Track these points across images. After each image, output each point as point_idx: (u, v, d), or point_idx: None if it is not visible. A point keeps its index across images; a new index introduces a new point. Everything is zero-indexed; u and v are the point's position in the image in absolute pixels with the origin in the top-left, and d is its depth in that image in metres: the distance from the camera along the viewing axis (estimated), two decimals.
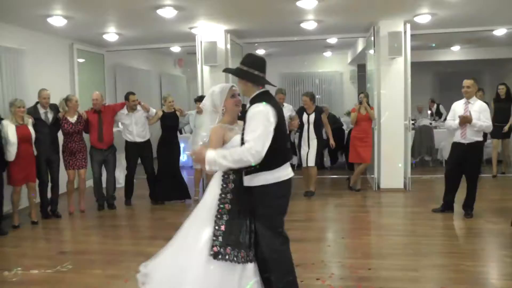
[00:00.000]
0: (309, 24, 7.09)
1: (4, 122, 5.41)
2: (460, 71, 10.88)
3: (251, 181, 2.83)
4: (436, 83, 13.49)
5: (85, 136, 6.35)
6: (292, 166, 7.69)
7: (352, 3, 5.98)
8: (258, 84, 2.88)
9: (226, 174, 2.91)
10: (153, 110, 6.59)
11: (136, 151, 6.58)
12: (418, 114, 10.58)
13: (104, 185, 6.59)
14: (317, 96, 12.42)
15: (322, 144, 6.81)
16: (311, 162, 6.74)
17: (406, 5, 6.12)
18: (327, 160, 9.34)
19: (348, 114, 8.44)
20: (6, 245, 5.07)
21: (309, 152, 6.72)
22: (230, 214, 2.85)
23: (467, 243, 4.77)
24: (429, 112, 10.84)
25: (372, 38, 7.16)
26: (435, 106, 10.86)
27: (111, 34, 7.59)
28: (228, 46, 7.60)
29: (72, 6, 5.72)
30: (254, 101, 2.83)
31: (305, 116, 6.73)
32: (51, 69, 7.42)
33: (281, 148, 2.83)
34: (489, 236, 4.89)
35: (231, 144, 2.87)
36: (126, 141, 6.64)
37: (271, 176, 2.80)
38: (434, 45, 10.42)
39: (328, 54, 12.16)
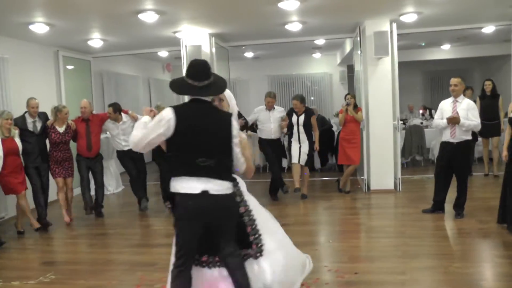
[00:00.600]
0: (294, 26, 7.03)
1: None
2: (450, 69, 10.91)
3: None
4: (427, 82, 13.51)
5: (71, 144, 6.24)
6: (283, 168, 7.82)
7: (335, 4, 5.91)
8: (180, 93, 3.07)
9: None
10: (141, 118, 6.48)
11: (129, 156, 6.49)
12: (409, 113, 10.55)
13: (92, 192, 6.49)
14: (311, 98, 12.49)
15: (312, 146, 6.74)
16: (303, 161, 6.66)
17: (391, 4, 6.07)
18: (317, 162, 9.28)
19: (338, 115, 8.38)
20: None
21: (301, 150, 6.64)
22: None
23: (457, 244, 4.70)
24: (420, 111, 10.78)
25: (358, 39, 7.10)
26: (427, 112, 10.77)
27: (95, 40, 7.51)
28: (213, 49, 7.53)
29: (53, 12, 5.62)
30: None
31: (294, 117, 6.66)
32: (37, 77, 7.33)
33: (184, 159, 2.69)
34: (480, 236, 4.82)
35: None
36: (117, 150, 6.58)
37: (172, 183, 2.74)
38: (423, 44, 10.40)
39: (317, 55, 12.12)
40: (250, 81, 12.80)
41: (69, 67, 8.31)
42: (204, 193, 2.65)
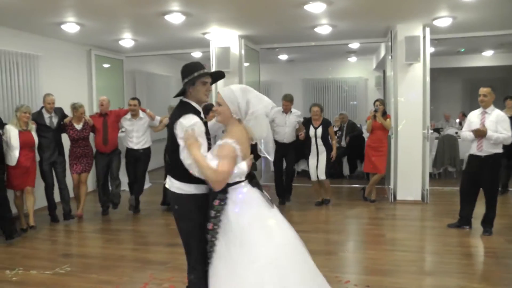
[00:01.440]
0: (323, 29, 6.91)
1: (7, 126, 5.48)
2: (493, 77, 10.35)
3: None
4: (467, 90, 12.91)
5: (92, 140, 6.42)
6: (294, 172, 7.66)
7: (364, 7, 5.75)
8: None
9: None
10: (157, 118, 6.56)
11: (133, 157, 6.54)
12: (445, 122, 10.12)
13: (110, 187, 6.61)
14: (352, 103, 12.19)
15: (330, 155, 6.60)
16: (322, 175, 6.56)
17: (423, 7, 5.83)
18: (345, 169, 9.10)
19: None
20: (14, 245, 5.20)
21: (318, 165, 6.54)
22: None
23: (479, 263, 4.45)
24: (457, 120, 10.32)
25: (390, 43, 6.87)
26: (465, 119, 10.28)
27: (126, 40, 7.69)
28: (243, 51, 7.52)
29: (83, 13, 5.79)
30: None
31: (311, 130, 6.52)
32: (69, 75, 7.58)
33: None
34: (507, 256, 4.51)
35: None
36: (126, 148, 6.61)
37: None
38: (463, 50, 9.95)
39: (352, 59, 11.87)
40: (284, 84, 12.71)
41: (105, 65, 8.55)
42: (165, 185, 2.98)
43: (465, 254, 4.66)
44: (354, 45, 8.99)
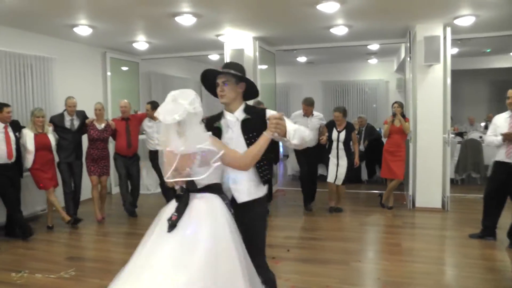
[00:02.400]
0: (339, 30, 6.70)
1: (24, 130, 5.60)
2: None
3: (259, 191, 2.74)
4: (493, 93, 12.38)
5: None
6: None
7: (379, 6, 5.52)
8: (246, 98, 2.75)
9: (224, 199, 2.58)
10: None
11: (158, 158, 6.52)
12: (469, 126, 9.71)
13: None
14: (373, 105, 11.90)
15: (352, 162, 6.40)
16: (340, 180, 6.35)
17: (443, 6, 5.55)
18: (363, 174, 8.83)
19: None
20: (22, 246, 5.23)
21: (338, 170, 6.34)
22: None
23: (503, 279, 4.10)
24: (482, 124, 9.88)
25: (409, 44, 6.60)
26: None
27: (140, 43, 7.66)
28: (257, 53, 7.37)
29: (94, 15, 5.77)
30: (253, 109, 2.75)
31: (335, 133, 6.32)
32: (83, 77, 7.59)
33: None
34: None
35: None
36: (150, 151, 6.62)
37: None
38: (489, 50, 9.52)
39: (373, 61, 11.57)
40: (303, 86, 12.55)
41: (121, 68, 8.55)
42: None
43: (488, 268, 4.33)
44: (374, 46, 8.73)
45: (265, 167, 2.72)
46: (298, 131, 2.60)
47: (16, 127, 5.57)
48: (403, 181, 6.74)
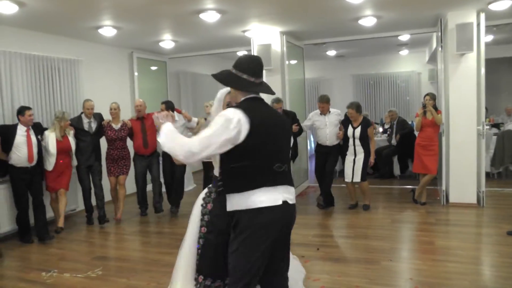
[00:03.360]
0: (368, 21, 6.49)
1: (46, 132, 5.65)
2: None
3: (227, 203, 2.37)
4: None
5: (129, 144, 6.43)
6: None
7: None
8: (243, 89, 2.43)
9: (209, 192, 2.63)
10: (194, 120, 6.45)
11: (169, 159, 6.50)
12: (506, 117, 9.23)
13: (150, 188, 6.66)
14: (407, 98, 11.56)
15: (368, 157, 6.21)
16: (357, 177, 6.19)
17: None
18: (396, 169, 8.58)
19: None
20: (53, 246, 5.36)
21: (354, 167, 6.19)
22: (205, 238, 2.58)
23: None
24: None
25: (440, 33, 6.31)
26: None
27: (167, 42, 7.67)
28: (284, 48, 7.26)
29: (119, 16, 5.79)
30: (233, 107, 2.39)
31: (350, 130, 6.17)
32: (110, 78, 7.69)
33: (260, 167, 2.30)
34: None
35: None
36: (162, 152, 6.58)
37: (241, 200, 2.29)
38: None
39: (404, 52, 11.22)
40: (334, 81, 12.37)
41: (148, 67, 8.61)
42: (285, 203, 2.33)
43: None
44: (404, 37, 8.44)
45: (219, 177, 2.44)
46: (164, 137, 2.35)
47: (38, 129, 5.62)
48: (436, 176, 6.48)
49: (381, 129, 9.60)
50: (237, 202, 2.30)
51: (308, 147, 9.16)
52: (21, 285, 4.18)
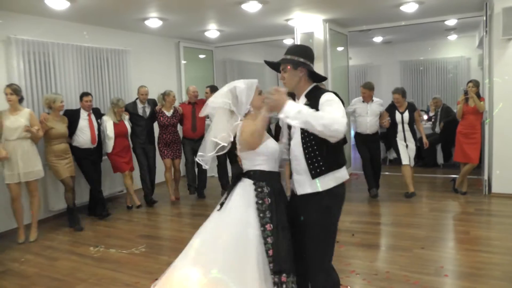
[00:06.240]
0: (409, 7, 6.38)
1: (104, 117, 6.09)
2: None
3: (322, 184, 2.42)
4: None
5: (179, 129, 6.73)
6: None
7: None
8: (316, 80, 2.55)
9: (259, 187, 2.57)
10: None
11: None
12: None
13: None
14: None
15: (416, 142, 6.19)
16: (407, 160, 6.15)
17: None
18: (439, 157, 8.39)
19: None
20: (102, 224, 5.80)
21: (408, 151, 6.17)
22: (274, 234, 2.47)
23: None
24: None
25: (485, 18, 6.09)
26: None
27: (212, 31, 7.89)
28: (327, 36, 7.27)
29: (164, 8, 6.04)
30: (314, 93, 2.46)
31: (398, 115, 6.12)
32: (158, 67, 8.01)
33: (341, 147, 2.53)
34: None
35: (266, 148, 2.60)
36: None
37: (339, 174, 2.47)
38: None
39: (452, 37, 10.77)
40: (382, 67, 12.16)
41: (195, 56, 8.88)
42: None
43: None
44: (451, 21, 8.14)
45: (317, 158, 2.41)
46: (306, 115, 2.16)
47: (98, 114, 6.08)
48: (479, 164, 6.32)
49: (425, 117, 9.39)
50: (334, 177, 2.45)
51: (352, 133, 9.13)
52: (73, 257, 4.61)
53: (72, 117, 5.68)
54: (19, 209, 5.09)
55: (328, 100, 2.35)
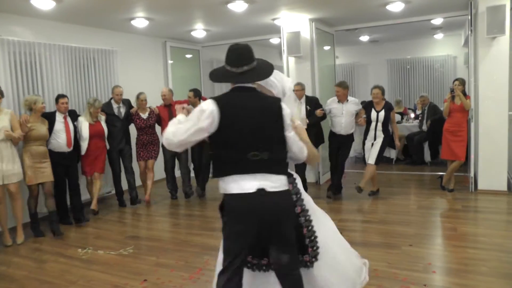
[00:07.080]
0: (396, 6, 6.42)
1: (80, 118, 5.94)
2: None
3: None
4: None
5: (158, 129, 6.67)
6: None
7: None
8: (219, 81, 2.57)
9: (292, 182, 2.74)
10: None
11: (197, 145, 6.70)
12: None
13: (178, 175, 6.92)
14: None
15: (386, 141, 6.15)
16: (372, 160, 6.12)
17: None
18: (427, 155, 8.47)
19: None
20: (89, 226, 5.75)
21: (372, 149, 6.14)
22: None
23: None
24: None
25: (469, 16, 6.15)
26: None
27: (198, 31, 7.86)
28: (314, 35, 7.28)
29: (150, 8, 6.00)
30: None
31: (373, 113, 6.10)
32: (145, 67, 7.96)
33: (233, 156, 2.35)
34: None
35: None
36: None
37: (222, 185, 2.41)
38: None
39: (439, 36, 10.90)
40: (369, 66, 12.25)
41: (181, 56, 8.84)
42: (260, 191, 2.32)
43: None
44: (437, 20, 8.22)
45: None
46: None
47: (74, 116, 5.92)
48: (466, 162, 6.39)
49: (412, 115, 9.47)
50: (220, 186, 2.42)
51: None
52: (61, 260, 4.56)
53: (47, 119, 5.50)
54: (3, 212, 4.99)
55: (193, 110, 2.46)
